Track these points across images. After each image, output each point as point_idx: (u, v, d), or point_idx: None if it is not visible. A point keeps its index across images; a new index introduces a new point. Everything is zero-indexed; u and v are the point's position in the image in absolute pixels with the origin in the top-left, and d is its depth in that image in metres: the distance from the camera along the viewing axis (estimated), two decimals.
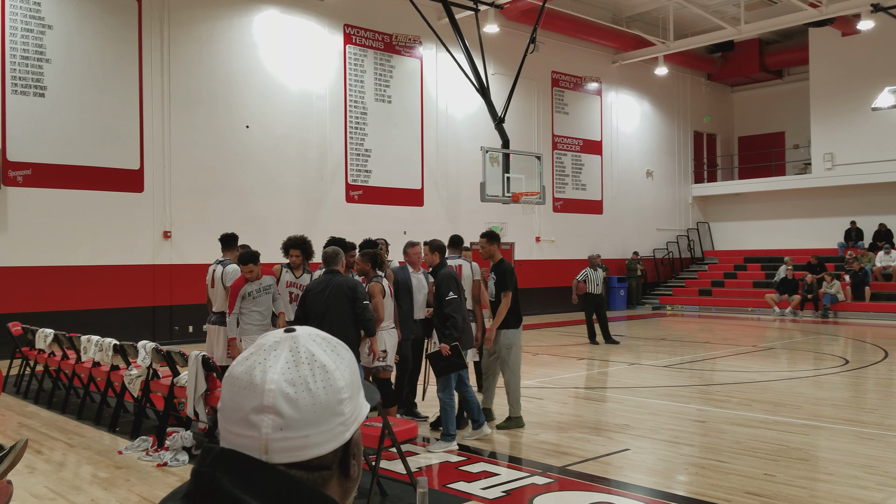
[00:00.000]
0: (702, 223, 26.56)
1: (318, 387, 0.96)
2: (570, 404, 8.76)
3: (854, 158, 22.23)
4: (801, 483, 5.50)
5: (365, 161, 17.43)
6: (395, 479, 5.46)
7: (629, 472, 5.96)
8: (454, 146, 19.14)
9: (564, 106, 22.23)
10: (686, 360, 12.12)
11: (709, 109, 27.08)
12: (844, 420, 7.74)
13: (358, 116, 17.34)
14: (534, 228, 21.04)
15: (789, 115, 25.68)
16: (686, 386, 9.81)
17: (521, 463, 6.18)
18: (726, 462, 6.08)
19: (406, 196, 18.17)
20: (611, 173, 23.55)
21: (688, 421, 7.76)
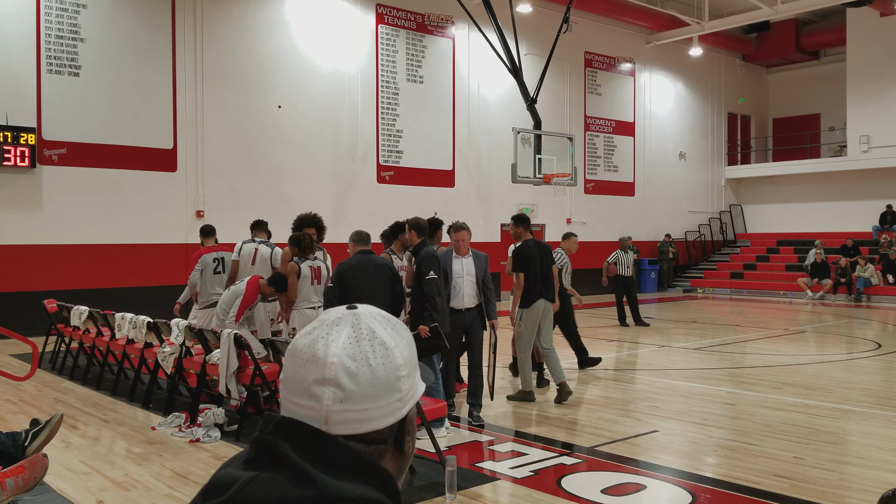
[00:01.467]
0: (734, 206, 26.18)
1: (377, 362, 0.98)
2: (599, 385, 8.73)
3: (891, 141, 21.71)
4: (830, 466, 5.43)
5: (396, 142, 17.43)
6: (424, 457, 5.49)
7: (657, 453, 5.93)
8: (485, 127, 19.05)
9: (597, 87, 21.98)
10: (717, 343, 12.01)
11: (743, 91, 26.61)
12: (876, 404, 7.62)
13: (390, 97, 17.33)
14: (565, 210, 20.91)
15: (825, 96, 25.14)
16: (716, 369, 9.72)
17: (550, 443, 6.17)
18: (755, 444, 6.02)
19: (437, 177, 18.15)
20: (643, 155, 23.28)
21: (717, 403, 7.69)
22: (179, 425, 6.54)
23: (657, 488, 5.06)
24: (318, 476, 0.92)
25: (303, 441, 0.95)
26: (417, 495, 4.84)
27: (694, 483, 5.11)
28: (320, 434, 0.96)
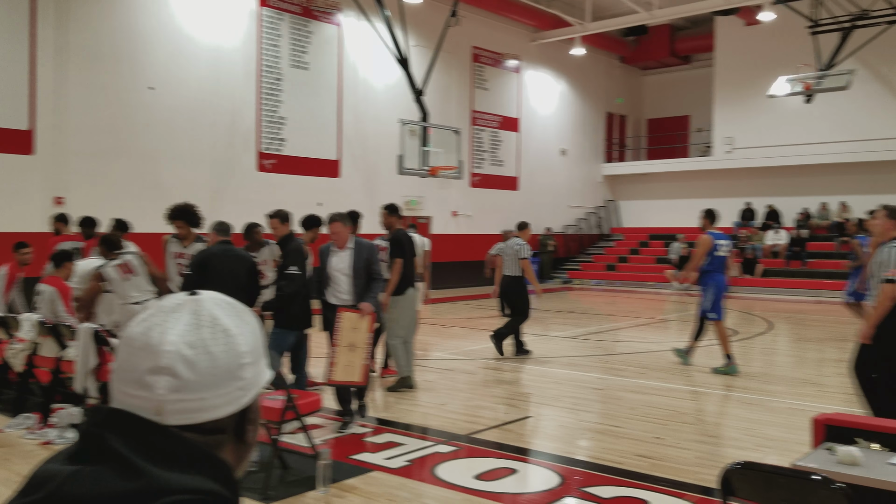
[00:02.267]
0: (610, 201, 27.22)
1: (218, 350, 0.95)
2: (479, 374, 8.89)
3: (751, 143, 23.16)
4: (687, 445, 5.77)
5: (279, 129, 17.03)
6: (298, 452, 5.42)
7: (530, 438, 6.12)
8: (373, 117, 18.95)
9: (484, 82, 22.29)
10: (590, 332, 12.48)
11: (621, 91, 27.65)
12: (730, 387, 8.14)
13: (272, 82, 16.90)
14: (451, 203, 21.12)
15: (694, 99, 26.48)
16: (588, 356, 10.10)
17: (428, 432, 6.24)
18: (620, 427, 6.31)
19: (322, 167, 17.91)
20: (527, 150, 23.81)
21: (587, 389, 8.00)
22: (30, 426, 6.15)
23: (528, 472, 5.22)
24: (145, 468, 0.89)
25: (133, 433, 0.92)
26: (289, 490, 4.78)
27: (563, 465, 5.29)
28: (152, 425, 0.93)
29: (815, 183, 22.70)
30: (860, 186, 21.92)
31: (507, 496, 4.69)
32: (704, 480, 4.86)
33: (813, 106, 19.89)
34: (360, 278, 6.30)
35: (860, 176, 21.86)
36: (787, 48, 21.04)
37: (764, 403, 7.27)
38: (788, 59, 19.75)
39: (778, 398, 7.48)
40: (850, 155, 21.39)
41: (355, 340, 6.07)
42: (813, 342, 11.80)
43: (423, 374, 8.72)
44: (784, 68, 19.28)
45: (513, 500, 4.63)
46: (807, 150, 21.99)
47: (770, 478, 2.59)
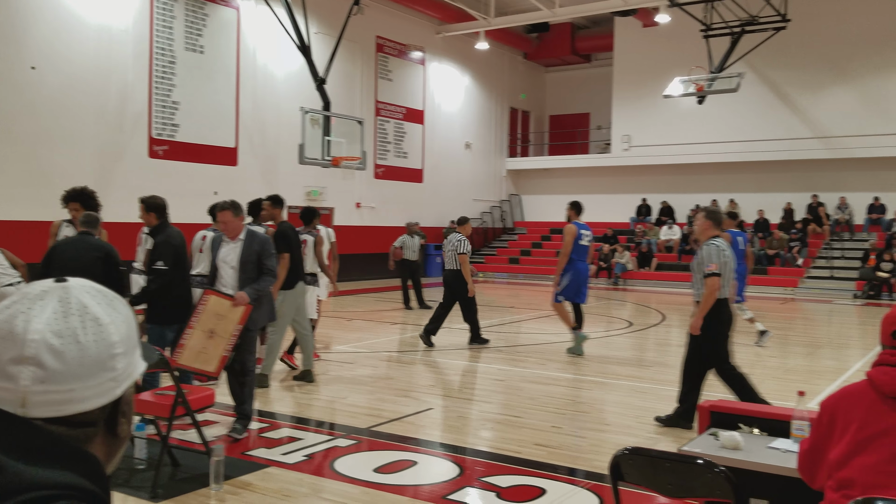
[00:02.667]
0: (514, 195, 27.65)
1: (88, 339, 0.91)
2: (381, 367, 8.86)
3: (647, 141, 24.02)
4: (582, 433, 5.92)
5: (172, 114, 16.40)
6: (190, 449, 5.26)
7: (431, 430, 6.14)
8: (273, 105, 18.54)
9: (388, 72, 22.18)
10: (493, 324, 12.63)
11: (524, 87, 28.10)
12: (625, 376, 8.42)
13: (165, 65, 16.24)
14: (354, 194, 20.94)
15: (595, 97, 27.20)
16: (491, 348, 10.22)
17: (327, 426, 6.17)
18: (520, 417, 6.42)
19: (218, 154, 17.39)
20: (432, 143, 23.87)
21: (489, 380, 8.10)
22: None
23: (428, 463, 5.24)
24: (6, 463, 0.84)
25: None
26: (180, 488, 4.63)
27: (463, 456, 5.34)
28: (15, 418, 0.88)
29: (706, 181, 23.75)
30: (748, 185, 23.10)
31: (407, 488, 4.69)
32: (598, 467, 5.00)
33: (705, 107, 20.78)
34: (248, 272, 5.75)
35: (748, 175, 23.02)
36: (681, 50, 21.89)
37: (657, 392, 7.54)
38: (683, 61, 20.56)
39: (670, 387, 7.77)
40: (738, 154, 22.49)
41: (218, 328, 5.51)
42: None
43: (323, 368, 8.62)
44: (679, 70, 20.06)
45: (413, 492, 4.63)
46: (699, 149, 22.98)
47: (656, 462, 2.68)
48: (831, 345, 11.10)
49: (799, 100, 21.82)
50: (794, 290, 19.33)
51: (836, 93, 21.28)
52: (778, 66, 21.81)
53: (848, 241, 20.89)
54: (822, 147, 21.37)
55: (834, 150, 21.17)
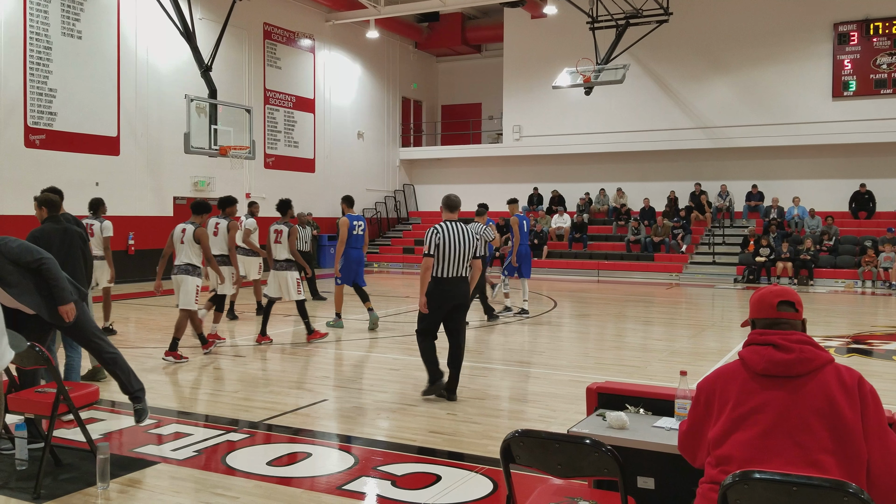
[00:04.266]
0: (408, 185, 27.69)
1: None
2: (273, 360, 8.71)
3: (538, 131, 24.55)
4: (476, 419, 6.02)
5: (49, 102, 15.54)
6: (75, 448, 5.03)
7: (326, 421, 6.09)
8: (157, 92, 17.83)
9: (277, 60, 21.72)
10: (389, 314, 12.63)
11: (416, 77, 28.13)
12: (517, 362, 8.61)
13: (41, 51, 15.37)
14: (244, 184, 20.43)
15: (486, 87, 27.56)
16: (386, 337, 10.22)
17: (218, 421, 6.02)
18: (415, 405, 6.46)
19: (99, 143, 16.59)
20: (323, 132, 23.57)
21: (384, 370, 8.11)
22: None
23: (322, 455, 5.20)
24: None
25: None
26: (64, 488, 4.42)
27: (358, 446, 5.33)
28: None
29: (594, 170, 24.53)
30: (634, 174, 24.00)
31: (303, 480, 4.64)
32: (492, 452, 5.09)
33: (593, 98, 21.43)
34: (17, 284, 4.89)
35: (634, 164, 23.92)
36: (569, 42, 22.47)
37: (549, 377, 7.75)
38: (571, 53, 21.10)
39: (561, 371, 8.02)
40: (625, 144, 23.32)
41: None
42: (594, 319, 12.75)
43: (215, 362, 8.40)
44: (567, 61, 20.58)
45: (309, 483, 4.59)
46: (588, 139, 23.69)
47: (546, 444, 2.76)
48: (714, 327, 11.72)
49: (681, 91, 22.82)
50: (678, 276, 20.26)
51: (717, 85, 22.38)
52: (661, 58, 22.73)
53: (729, 227, 22.05)
54: (704, 137, 22.44)
55: (715, 139, 22.28)
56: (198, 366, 8.24)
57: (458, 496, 4.36)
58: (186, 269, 8.35)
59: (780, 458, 2.38)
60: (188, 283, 8.33)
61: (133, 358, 8.79)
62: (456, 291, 6.57)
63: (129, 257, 17.21)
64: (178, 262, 8.42)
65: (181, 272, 8.37)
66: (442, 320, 6.67)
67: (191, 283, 8.34)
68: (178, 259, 8.44)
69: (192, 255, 8.36)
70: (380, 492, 4.46)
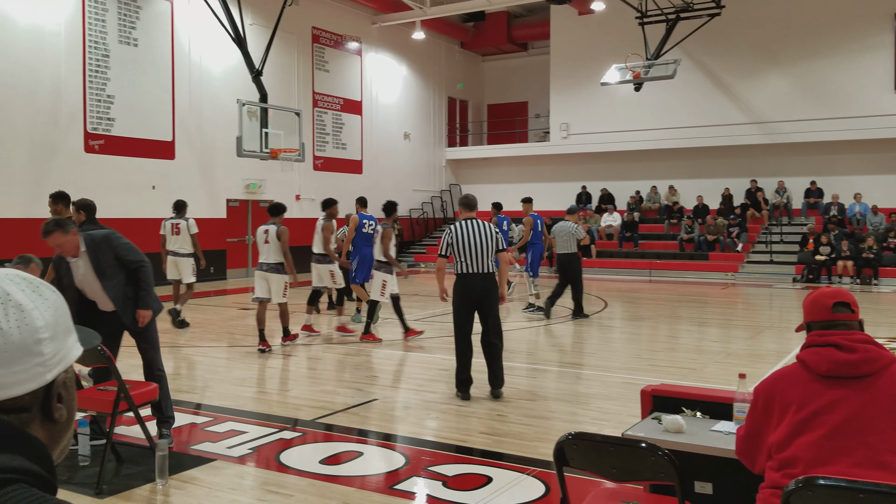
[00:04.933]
0: (454, 185, 27.70)
1: (10, 326, 0.92)
2: (324, 359, 8.80)
3: (586, 129, 24.31)
4: (528, 421, 5.99)
5: (107, 108, 15.96)
6: (136, 444, 5.16)
7: (376, 420, 6.13)
8: (209, 97, 18.17)
9: (325, 63, 21.95)
10: (437, 314, 12.66)
11: (462, 76, 28.14)
12: (568, 364, 8.55)
13: (99, 59, 15.80)
14: (293, 186, 20.70)
15: (532, 86, 27.40)
16: (434, 338, 10.25)
17: (272, 419, 6.11)
18: (464, 406, 6.46)
19: (155, 148, 16.98)
20: (370, 134, 23.73)
21: (433, 370, 8.13)
22: None
23: (374, 454, 5.23)
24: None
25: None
26: (125, 484, 4.54)
27: (409, 446, 5.35)
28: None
29: (645, 168, 24.20)
30: (687, 171, 23.60)
31: (354, 479, 4.68)
32: (543, 454, 5.06)
33: (643, 94, 21.17)
34: (112, 277, 5.15)
35: (686, 161, 23.53)
36: (617, 38, 22.21)
37: (600, 379, 7.68)
38: (620, 49, 20.85)
39: (613, 373, 7.93)
40: (676, 141, 22.94)
41: None
42: (646, 320, 12.59)
43: (266, 361, 8.54)
44: (615, 57, 20.35)
45: (360, 482, 4.63)
46: (637, 136, 23.38)
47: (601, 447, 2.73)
48: (772, 328, 11.47)
49: (735, 85, 22.36)
50: (734, 276, 19.86)
51: (772, 78, 21.87)
52: (713, 52, 22.32)
53: (787, 225, 21.54)
54: (759, 132, 21.94)
55: (771, 135, 21.77)
56: (251, 363, 8.38)
57: (510, 498, 4.34)
58: (276, 268, 9.07)
59: (848, 459, 2.31)
60: (277, 280, 9.09)
61: (187, 356, 8.98)
62: (478, 286, 6.70)
63: None
64: (265, 259, 9.13)
65: (270, 270, 9.08)
66: (471, 315, 6.81)
67: (279, 279, 9.09)
68: (264, 257, 9.15)
69: (278, 253, 9.06)
70: (430, 492, 4.47)
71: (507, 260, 6.98)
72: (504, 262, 6.88)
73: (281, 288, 9.14)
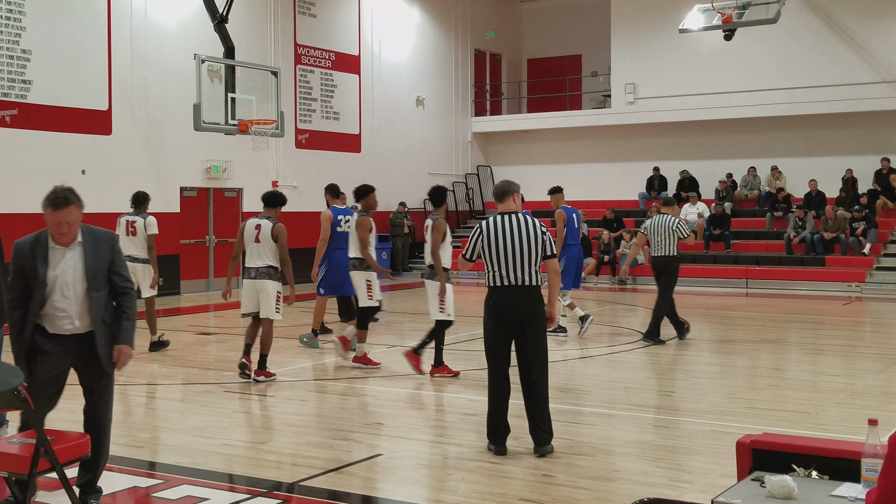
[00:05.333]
0: (483, 167, 27.69)
1: None
2: (309, 401, 8.82)
3: (659, 91, 24.19)
4: (584, 483, 5.97)
5: (21, 67, 16.08)
6: None
7: (381, 482, 6.14)
8: (158, 52, 18.30)
9: (311, 6, 22.06)
10: (461, 340, 12.64)
11: (493, 23, 28.14)
12: (637, 405, 8.49)
13: (10, 3, 15.94)
14: (270, 170, 20.80)
15: (587, 35, 27.29)
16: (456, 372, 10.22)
17: (241, 482, 6.12)
18: (499, 463, 6.44)
19: (86, 120, 17.11)
20: (371, 99, 23.81)
21: (456, 414, 8.11)
22: None
23: None
24: None
25: None
26: None
27: None
28: None
29: (739, 143, 24.06)
30: (795, 146, 23.42)
31: None
32: None
33: (734, 44, 20.97)
34: (99, 289, 5.21)
35: (794, 133, 23.36)
36: None
37: (678, 425, 7.63)
38: None
39: (698, 418, 7.87)
40: (780, 107, 22.78)
41: None
42: (742, 346, 12.50)
43: (232, 403, 8.55)
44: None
45: None
46: (728, 100, 23.22)
47: None
48: None
49: (859, 32, 22.17)
50: (859, 287, 19.68)
51: None
52: None
53: None
54: (892, 94, 21.73)
55: None
56: (214, 405, 8.40)
57: None
58: (267, 273, 9.29)
59: None
60: (268, 289, 9.27)
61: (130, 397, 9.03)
62: (518, 304, 6.60)
63: None
64: (253, 264, 9.37)
65: (261, 276, 9.30)
66: (508, 342, 6.72)
67: (271, 288, 9.28)
68: (253, 261, 9.39)
69: (271, 255, 9.32)
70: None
71: (558, 270, 6.92)
72: (555, 272, 6.85)
73: (272, 299, 9.27)
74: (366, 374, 9.93)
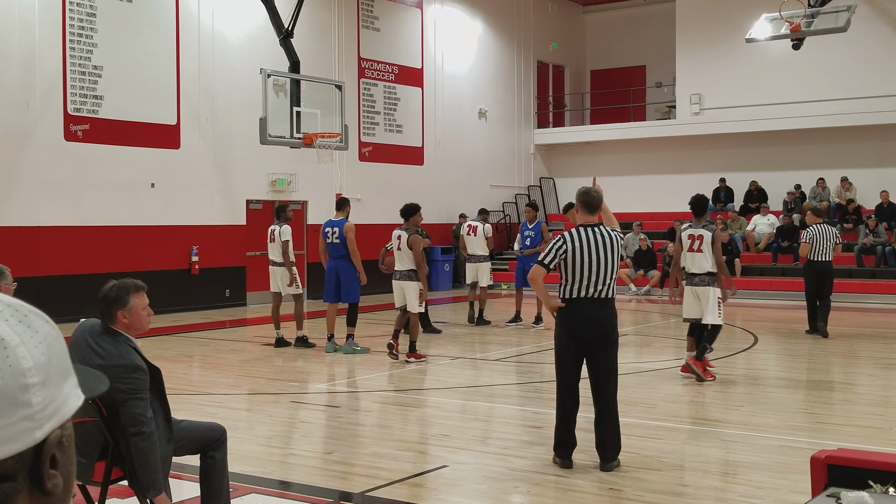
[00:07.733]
0: (546, 179, 27.62)
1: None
2: (374, 412, 8.87)
3: (725, 102, 23.95)
4: (652, 498, 5.91)
5: (93, 83, 16.44)
6: None
7: (446, 494, 6.14)
8: (224, 67, 18.60)
9: (375, 20, 22.24)
10: (524, 353, 12.62)
11: (556, 35, 28.10)
12: (705, 420, 8.40)
13: (83, 19, 16.28)
14: (334, 182, 20.98)
15: (652, 45, 27.12)
16: (520, 384, 10.22)
17: (309, 492, 6.17)
18: (565, 476, 6.40)
19: (155, 134, 17.43)
20: (434, 112, 23.90)
21: (521, 427, 8.09)
22: None
23: None
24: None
25: None
26: None
27: None
28: None
29: (807, 153, 23.71)
30: (866, 157, 23.00)
31: None
32: None
33: (803, 53, 20.69)
34: None
35: (865, 144, 22.95)
36: None
37: (749, 440, 7.51)
38: None
39: (768, 433, 7.75)
40: (850, 117, 22.40)
41: None
42: (812, 360, 12.31)
43: (298, 413, 8.63)
44: (765, 4, 20.00)
45: None
46: (796, 110, 22.90)
47: None
48: None
49: None
50: None
51: None
52: None
53: None
54: None
55: None
56: (280, 415, 8.48)
57: None
58: (408, 276, 11.34)
59: None
60: (411, 289, 11.30)
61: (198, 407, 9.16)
62: (594, 317, 6.56)
63: (193, 278, 17.95)
64: (398, 268, 11.46)
65: (403, 278, 11.41)
66: (580, 356, 6.64)
67: (413, 287, 11.29)
68: (398, 265, 11.45)
69: (408, 261, 11.27)
70: None
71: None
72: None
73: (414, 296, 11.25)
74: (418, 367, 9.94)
